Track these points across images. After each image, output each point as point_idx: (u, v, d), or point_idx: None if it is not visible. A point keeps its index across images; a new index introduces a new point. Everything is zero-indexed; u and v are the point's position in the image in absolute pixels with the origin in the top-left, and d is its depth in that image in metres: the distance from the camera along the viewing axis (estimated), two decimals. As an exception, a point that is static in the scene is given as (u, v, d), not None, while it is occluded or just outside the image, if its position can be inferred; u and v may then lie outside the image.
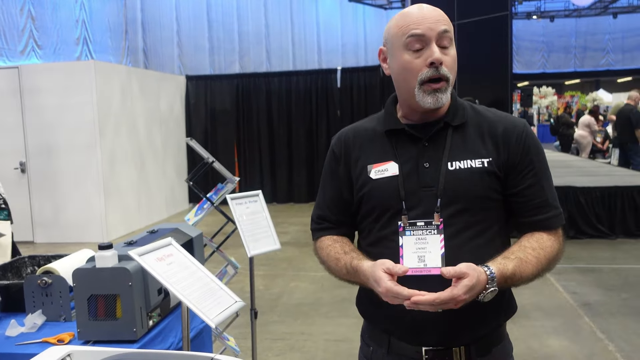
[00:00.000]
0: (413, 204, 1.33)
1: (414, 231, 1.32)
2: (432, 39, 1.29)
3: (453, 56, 1.33)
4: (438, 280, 1.26)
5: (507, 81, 7.52)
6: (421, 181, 1.34)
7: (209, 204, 2.98)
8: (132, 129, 7.99)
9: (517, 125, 1.39)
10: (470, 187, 1.32)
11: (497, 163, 1.34)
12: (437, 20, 1.30)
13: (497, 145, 1.36)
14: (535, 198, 1.36)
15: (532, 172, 1.36)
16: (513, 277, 1.26)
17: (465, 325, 1.34)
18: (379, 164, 1.39)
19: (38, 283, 1.89)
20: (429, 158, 1.35)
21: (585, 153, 12.44)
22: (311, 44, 22.56)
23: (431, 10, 1.33)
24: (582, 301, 4.50)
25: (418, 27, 1.29)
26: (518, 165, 1.35)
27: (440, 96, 1.31)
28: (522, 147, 1.36)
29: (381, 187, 1.37)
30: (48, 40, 11.42)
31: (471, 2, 7.66)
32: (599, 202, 6.46)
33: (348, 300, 4.61)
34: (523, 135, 1.37)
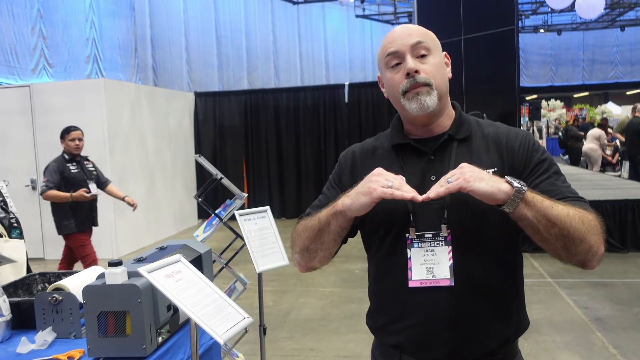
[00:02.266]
0: (421, 217, 1.34)
1: (421, 243, 1.33)
2: (405, 52, 1.36)
3: (434, 63, 1.37)
4: (446, 292, 1.27)
5: (515, 95, 7.52)
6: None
7: (217, 220, 2.99)
8: (141, 145, 8.04)
9: (520, 133, 1.41)
10: (475, 199, 1.32)
11: (503, 172, 1.34)
12: (409, 34, 1.37)
13: (501, 154, 1.37)
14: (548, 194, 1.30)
15: (540, 170, 1.35)
16: (541, 196, 1.21)
17: (475, 339, 1.34)
18: None
19: (49, 300, 1.91)
20: (435, 171, 1.37)
21: (597, 166, 12.37)
22: (319, 60, 22.73)
23: (407, 28, 1.41)
24: (593, 316, 4.46)
25: (392, 45, 1.38)
26: (525, 167, 1.36)
27: (424, 99, 1.34)
28: (526, 150, 1.37)
29: (388, 200, 1.37)
30: (59, 59, 11.57)
31: (478, 16, 7.68)
32: (609, 216, 6.42)
33: (357, 316, 4.59)
34: (526, 140, 1.39)
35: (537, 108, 16.50)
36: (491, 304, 1.33)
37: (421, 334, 1.34)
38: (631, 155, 10.11)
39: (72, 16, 11.97)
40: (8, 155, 7.34)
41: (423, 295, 1.30)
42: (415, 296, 1.32)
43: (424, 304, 1.32)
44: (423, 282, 1.31)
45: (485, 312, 1.31)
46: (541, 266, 5.91)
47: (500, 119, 7.86)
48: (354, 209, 1.28)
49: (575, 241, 1.21)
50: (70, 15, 11.92)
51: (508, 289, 1.38)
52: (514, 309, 1.39)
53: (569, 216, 1.20)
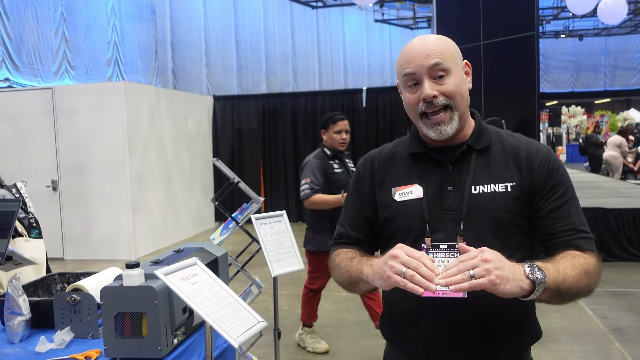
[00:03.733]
0: (437, 227, 1.34)
1: (437, 254, 1.32)
2: (423, 75, 1.33)
3: (453, 83, 1.34)
4: (459, 304, 1.26)
5: (535, 101, 7.45)
6: (445, 204, 1.35)
7: (234, 223, 3.01)
8: (160, 148, 8.13)
9: (541, 150, 1.39)
10: (494, 211, 1.32)
11: (521, 187, 1.34)
12: (427, 55, 1.33)
13: (520, 169, 1.36)
14: (560, 221, 1.34)
15: (555, 195, 1.36)
16: (551, 268, 1.20)
17: (488, 347, 1.33)
18: (403, 186, 1.41)
19: (67, 300, 1.93)
20: (452, 182, 1.36)
21: (618, 174, 12.19)
22: (337, 64, 22.75)
23: (424, 45, 1.35)
24: (612, 326, 4.39)
25: (409, 65, 1.35)
26: (542, 189, 1.35)
27: (443, 128, 1.33)
28: (546, 171, 1.36)
29: (405, 209, 1.38)
30: (81, 62, 11.74)
31: (498, 22, 7.64)
32: (630, 224, 6.32)
33: (371, 322, 4.57)
34: (546, 159, 1.37)
35: (557, 114, 16.34)
36: (504, 314, 1.32)
37: (433, 343, 1.34)
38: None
39: (94, 19, 12.15)
40: (30, 156, 7.46)
41: (437, 305, 1.30)
42: (429, 305, 1.31)
43: (437, 313, 1.32)
44: (437, 293, 1.30)
45: (498, 323, 1.31)
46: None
47: (519, 125, 7.81)
48: (376, 285, 1.28)
49: (581, 294, 1.27)
50: (92, 19, 12.10)
51: (521, 301, 1.37)
52: (527, 319, 1.39)
53: (577, 280, 1.23)
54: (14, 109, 7.53)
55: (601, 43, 27.16)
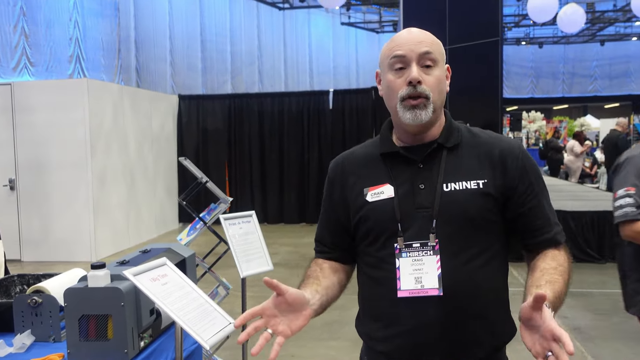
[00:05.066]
0: (409, 226, 1.34)
1: (410, 253, 1.32)
2: (412, 59, 1.34)
3: (437, 76, 1.36)
4: (435, 301, 1.27)
5: (498, 105, 7.60)
6: (417, 203, 1.35)
7: (201, 223, 2.97)
8: (123, 147, 7.96)
9: (513, 146, 1.41)
10: (466, 208, 1.33)
11: (494, 185, 1.35)
12: (420, 41, 1.35)
13: (493, 167, 1.37)
14: (539, 218, 1.38)
15: (532, 193, 1.38)
16: (555, 300, 1.24)
17: (465, 348, 1.34)
18: (375, 186, 1.40)
19: (28, 302, 1.87)
20: (424, 180, 1.37)
21: (576, 177, 12.54)
22: (303, 66, 22.74)
23: (417, 33, 1.38)
24: (572, 325, 4.50)
25: (400, 48, 1.35)
26: (517, 187, 1.37)
27: (419, 112, 1.33)
28: (520, 169, 1.38)
29: (377, 209, 1.38)
30: (41, 58, 11.41)
31: (463, 27, 7.76)
32: (588, 227, 6.50)
33: (338, 323, 4.58)
34: (519, 156, 1.39)
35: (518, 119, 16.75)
36: (480, 312, 1.33)
37: (411, 342, 1.34)
38: (609, 167, 10.29)
39: (55, 15, 11.83)
40: (-14, 154, 7.22)
41: (412, 304, 1.30)
42: (404, 305, 1.32)
43: (413, 313, 1.32)
44: (412, 292, 1.31)
45: (474, 321, 1.32)
46: (521, 275, 5.96)
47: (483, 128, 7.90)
48: None
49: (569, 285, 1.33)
50: (53, 14, 11.77)
51: (496, 298, 1.38)
52: (503, 317, 1.40)
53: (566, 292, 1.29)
54: (-31, 105, 7.27)
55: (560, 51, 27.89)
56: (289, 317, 1.26)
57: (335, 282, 1.44)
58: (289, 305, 1.25)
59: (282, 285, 1.23)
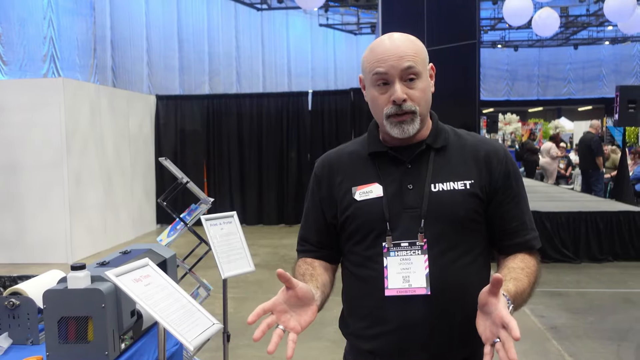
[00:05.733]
0: (397, 225, 1.35)
1: (398, 252, 1.33)
2: (395, 77, 1.32)
3: (421, 88, 1.35)
4: (423, 300, 1.28)
5: (476, 107, 7.68)
6: (405, 202, 1.36)
7: (182, 224, 2.94)
8: (99, 147, 7.85)
9: (498, 149, 1.43)
10: (453, 208, 1.34)
11: (480, 185, 1.37)
12: (401, 56, 1.32)
13: (479, 168, 1.39)
14: (515, 220, 1.40)
15: (511, 195, 1.40)
16: (517, 296, 1.25)
17: (452, 346, 1.35)
18: (363, 185, 1.40)
19: (5, 305, 1.83)
20: (412, 180, 1.37)
21: (552, 179, 12.73)
22: (281, 67, 22.71)
23: (397, 45, 1.34)
24: (549, 324, 4.57)
25: (381, 65, 1.32)
26: (499, 189, 1.39)
27: (407, 127, 1.34)
28: (503, 171, 1.40)
29: (366, 208, 1.38)
30: (14, 57, 11.20)
31: (441, 29, 7.82)
32: (564, 227, 6.60)
33: (320, 324, 4.56)
34: (504, 159, 1.41)
35: (494, 121, 16.93)
36: (467, 311, 1.34)
37: (398, 341, 1.34)
38: (583, 169, 10.47)
39: (29, 13, 11.63)
40: (-42, 154, 7.06)
41: (400, 303, 1.31)
42: (391, 304, 1.32)
43: (400, 311, 1.32)
44: (399, 291, 1.31)
45: (461, 320, 1.32)
46: (498, 275, 6.03)
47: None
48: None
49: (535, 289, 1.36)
50: (27, 13, 11.58)
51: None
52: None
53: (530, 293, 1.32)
54: (-60, 104, 7.10)
55: (535, 54, 28.32)
56: (298, 313, 1.25)
57: (328, 280, 1.44)
58: (298, 299, 1.24)
59: (293, 278, 1.22)
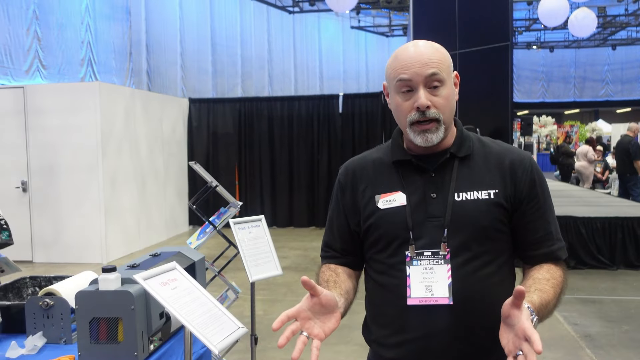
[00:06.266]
0: (420, 234, 1.34)
1: (421, 261, 1.33)
2: (419, 83, 1.31)
3: (445, 96, 1.33)
4: (445, 310, 1.27)
5: (508, 110, 7.57)
6: (428, 212, 1.35)
7: (211, 227, 2.98)
8: (134, 150, 8.01)
9: (524, 158, 1.41)
10: (477, 218, 1.33)
11: (504, 195, 1.36)
12: (425, 63, 1.31)
13: (503, 177, 1.37)
14: (540, 231, 1.38)
15: (537, 205, 1.38)
16: (541, 307, 1.24)
17: (474, 354, 1.34)
18: (386, 194, 1.40)
19: (40, 304, 1.88)
20: (436, 189, 1.37)
21: (588, 183, 12.45)
22: (313, 70, 22.79)
23: (421, 52, 1.33)
24: (583, 333, 4.47)
25: (405, 72, 1.32)
26: (524, 198, 1.37)
27: (430, 136, 1.33)
28: (529, 180, 1.38)
29: (389, 216, 1.38)
30: (53, 61, 11.52)
31: (473, 31, 7.74)
32: (599, 233, 6.45)
33: (348, 327, 4.56)
34: (529, 168, 1.39)
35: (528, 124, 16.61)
36: (490, 321, 1.33)
37: (419, 350, 1.34)
38: (620, 173, 10.20)
39: (67, 18, 11.95)
40: (-1, 156, 7.29)
41: (422, 312, 1.31)
42: (414, 313, 1.32)
43: (422, 320, 1.32)
44: (422, 300, 1.32)
45: (484, 330, 1.32)
46: (531, 281, 5.93)
47: (493, 133, 7.91)
48: None
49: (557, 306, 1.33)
50: (65, 18, 11.89)
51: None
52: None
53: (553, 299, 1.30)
54: (-17, 107, 7.35)
55: (571, 55, 27.77)
56: (322, 320, 1.25)
57: (351, 287, 1.45)
58: (322, 306, 1.24)
59: (317, 286, 1.22)
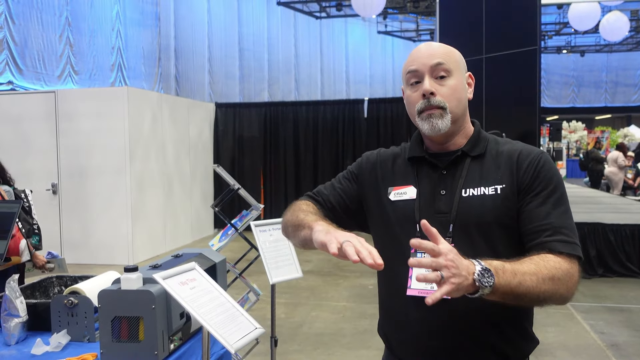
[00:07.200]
0: None
1: (424, 254, 1.34)
2: (425, 72, 1.38)
3: (452, 86, 1.38)
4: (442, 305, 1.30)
5: (536, 115, 7.47)
6: (436, 207, 1.38)
7: (233, 230, 3.01)
8: (161, 154, 8.14)
9: (533, 152, 1.40)
10: (482, 213, 1.34)
11: (511, 189, 1.35)
12: (431, 54, 1.39)
13: (511, 170, 1.37)
14: (537, 220, 1.32)
15: (538, 196, 1.33)
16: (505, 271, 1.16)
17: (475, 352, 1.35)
18: (399, 187, 1.46)
19: (64, 303, 1.93)
20: (445, 186, 1.40)
21: (618, 189, 12.20)
22: (340, 74, 22.84)
23: (429, 47, 1.42)
24: (610, 341, 4.38)
25: (413, 63, 1.41)
26: (526, 188, 1.35)
27: (435, 122, 1.37)
28: (533, 171, 1.35)
29: (398, 208, 1.43)
30: (84, 66, 11.79)
31: (500, 36, 7.67)
32: (629, 240, 6.31)
33: (369, 332, 4.57)
34: (536, 160, 1.37)
35: (557, 129, 16.38)
36: (490, 319, 1.34)
37: (418, 346, 1.39)
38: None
39: (98, 25, 12.22)
40: (31, 159, 7.47)
41: (420, 305, 1.33)
42: (413, 304, 1.36)
43: (421, 313, 1.35)
44: (421, 292, 1.35)
45: (483, 328, 1.33)
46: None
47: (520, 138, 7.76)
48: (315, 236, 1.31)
49: (546, 300, 1.23)
50: (97, 24, 12.17)
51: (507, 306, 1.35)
52: (515, 325, 1.39)
53: (538, 284, 1.19)
54: (16, 111, 7.55)
55: (602, 59, 27.28)
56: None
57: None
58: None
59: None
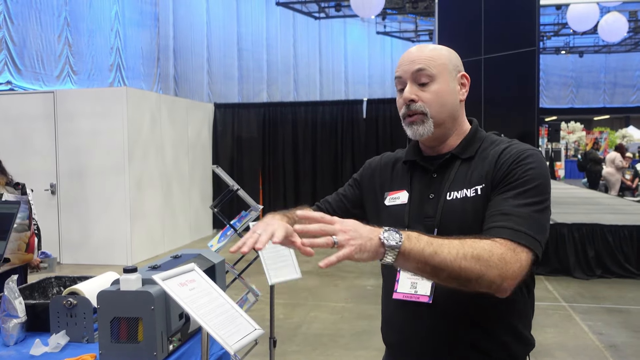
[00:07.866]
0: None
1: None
2: (407, 79, 1.40)
3: (434, 91, 1.38)
4: (425, 309, 1.34)
5: (534, 115, 7.48)
6: (424, 212, 1.40)
7: (232, 230, 3.01)
8: (160, 154, 8.14)
9: (521, 148, 1.34)
10: (462, 217, 1.33)
11: (490, 186, 1.32)
12: (413, 60, 1.39)
13: (491, 167, 1.34)
14: (491, 208, 1.28)
15: (505, 187, 1.29)
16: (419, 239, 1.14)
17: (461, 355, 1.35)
18: (394, 192, 1.48)
19: (63, 303, 1.93)
20: (434, 189, 1.41)
21: (615, 190, 12.22)
22: (338, 75, 22.86)
23: (414, 52, 1.42)
24: (608, 342, 4.39)
25: (398, 70, 1.43)
26: (498, 182, 1.31)
27: (416, 128, 1.39)
28: (509, 165, 1.30)
29: (391, 213, 1.45)
30: (83, 67, 11.79)
31: (498, 37, 7.68)
32: (627, 241, 6.32)
33: (368, 333, 4.57)
34: (516, 155, 1.32)
35: (556, 130, 16.41)
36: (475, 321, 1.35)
37: (406, 348, 1.42)
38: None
39: (97, 25, 12.22)
40: (29, 159, 7.46)
41: (406, 309, 1.38)
42: (399, 308, 1.40)
43: (406, 316, 1.40)
44: (405, 296, 1.38)
45: (468, 330, 1.34)
46: (555, 290, 5.84)
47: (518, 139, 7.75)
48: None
49: (470, 280, 1.15)
50: (96, 24, 12.16)
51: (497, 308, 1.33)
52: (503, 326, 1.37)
53: (457, 259, 1.13)
54: (15, 111, 7.54)
55: (601, 60, 27.31)
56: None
57: None
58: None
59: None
